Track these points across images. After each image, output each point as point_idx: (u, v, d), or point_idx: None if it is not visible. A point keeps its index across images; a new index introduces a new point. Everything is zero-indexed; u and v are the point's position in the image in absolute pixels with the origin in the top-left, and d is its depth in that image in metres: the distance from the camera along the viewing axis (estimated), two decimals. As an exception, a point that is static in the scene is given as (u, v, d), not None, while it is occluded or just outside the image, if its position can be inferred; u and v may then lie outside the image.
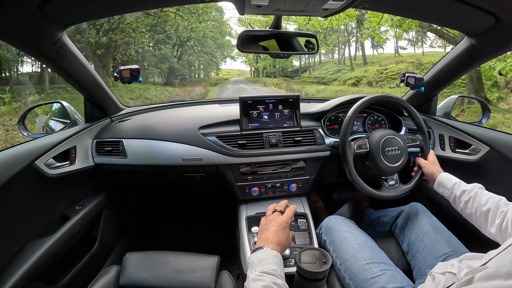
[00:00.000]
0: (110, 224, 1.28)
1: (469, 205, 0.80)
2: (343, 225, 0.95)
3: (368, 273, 0.78)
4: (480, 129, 1.10)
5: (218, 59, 20.39)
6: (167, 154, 1.07)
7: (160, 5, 0.93)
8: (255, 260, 0.66)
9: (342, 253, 0.87)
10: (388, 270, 0.78)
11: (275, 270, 0.62)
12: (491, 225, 0.72)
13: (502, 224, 0.70)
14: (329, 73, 18.67)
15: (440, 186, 0.92)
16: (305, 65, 22.56)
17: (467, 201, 0.81)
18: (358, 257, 0.83)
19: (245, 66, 26.20)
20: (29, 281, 0.81)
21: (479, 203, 0.77)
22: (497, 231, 0.71)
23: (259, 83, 20.17)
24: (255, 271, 0.62)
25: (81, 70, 1.01)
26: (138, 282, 0.81)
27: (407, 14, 1.01)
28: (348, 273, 0.82)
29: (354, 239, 0.89)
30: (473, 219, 0.79)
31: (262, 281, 0.58)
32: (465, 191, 0.83)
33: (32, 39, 0.79)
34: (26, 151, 0.86)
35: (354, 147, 1.02)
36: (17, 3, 0.63)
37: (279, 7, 0.76)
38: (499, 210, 0.72)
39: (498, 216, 0.71)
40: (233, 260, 1.07)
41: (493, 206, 0.73)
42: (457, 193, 0.85)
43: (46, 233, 0.92)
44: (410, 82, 1.20)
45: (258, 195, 1.15)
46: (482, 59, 1.00)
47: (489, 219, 0.73)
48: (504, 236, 0.69)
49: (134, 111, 1.33)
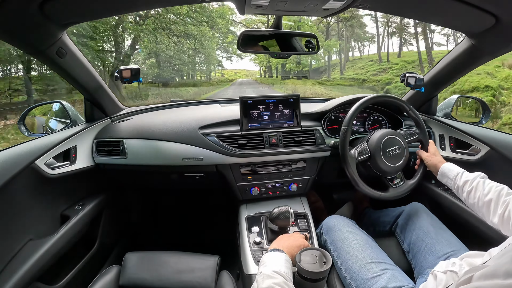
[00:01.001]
0: (110, 224, 1.28)
1: (472, 195, 0.80)
2: (343, 224, 0.95)
3: (369, 273, 0.78)
4: (480, 129, 1.10)
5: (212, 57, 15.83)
6: (168, 154, 1.07)
7: (160, 5, 0.93)
8: (269, 259, 0.67)
9: (343, 252, 0.87)
10: (389, 269, 0.78)
11: (286, 273, 0.63)
12: (494, 215, 0.72)
13: (504, 214, 0.70)
14: (369, 73, 14.09)
15: (443, 177, 0.92)
16: (325, 64, 17.27)
17: (469, 191, 0.81)
18: (359, 257, 0.83)
19: (254, 65, 20.59)
20: (29, 281, 0.81)
21: (482, 193, 0.77)
22: (500, 221, 0.70)
23: (277, 87, 14.35)
24: (268, 269, 0.63)
25: (81, 70, 1.01)
26: (138, 282, 0.81)
27: (407, 14, 1.01)
28: (349, 272, 0.82)
29: (355, 238, 0.89)
30: (476, 209, 0.79)
31: (274, 278, 0.59)
32: (467, 181, 0.82)
33: (32, 39, 0.78)
34: (26, 151, 0.86)
35: (355, 155, 1.01)
36: (17, 3, 0.63)
37: (280, 7, 0.76)
38: (501, 199, 0.72)
39: (501, 206, 0.71)
40: (233, 260, 1.07)
41: (495, 196, 0.73)
42: (459, 183, 0.84)
43: (46, 233, 0.92)
44: (410, 82, 1.20)
45: (258, 195, 1.15)
46: (482, 59, 1.00)
47: (491, 209, 0.73)
48: (507, 226, 0.69)
49: (134, 111, 1.33)
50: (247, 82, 17.75)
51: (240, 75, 20.18)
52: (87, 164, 1.10)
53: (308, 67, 17.33)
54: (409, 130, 1.08)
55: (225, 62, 17.77)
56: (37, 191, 0.91)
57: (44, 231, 0.92)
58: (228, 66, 18.53)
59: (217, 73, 17.83)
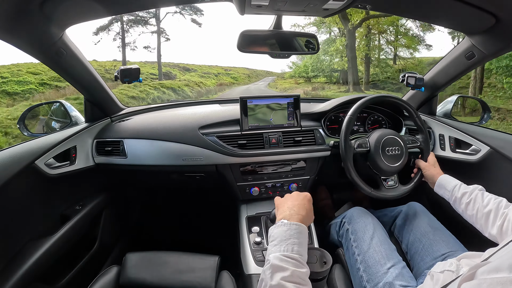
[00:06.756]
0: (110, 224, 1.28)
1: (470, 207, 0.81)
2: (368, 217, 0.96)
3: (381, 268, 0.79)
4: (480, 129, 1.10)
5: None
6: (167, 154, 1.07)
7: (160, 5, 0.93)
8: (278, 235, 0.57)
9: (363, 244, 0.87)
10: (398, 266, 0.79)
11: (299, 253, 0.55)
12: (492, 226, 0.73)
13: (503, 225, 0.70)
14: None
15: (440, 188, 0.93)
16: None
17: (468, 203, 0.81)
18: (377, 250, 0.83)
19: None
20: (29, 281, 0.81)
21: (481, 204, 0.78)
22: (498, 232, 0.71)
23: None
24: (278, 250, 0.54)
25: (81, 70, 1.01)
26: (138, 282, 0.81)
27: (407, 14, 1.01)
28: (363, 264, 0.83)
29: (377, 233, 0.89)
30: (474, 220, 0.80)
31: (284, 270, 0.51)
32: (466, 193, 0.83)
33: (32, 39, 0.78)
34: (26, 151, 0.86)
35: (355, 146, 1.02)
36: (17, 3, 0.63)
37: (280, 7, 0.76)
38: (500, 211, 0.73)
39: (499, 217, 0.72)
40: (233, 260, 1.07)
41: (494, 207, 0.74)
42: (458, 195, 0.85)
43: (46, 233, 0.92)
44: (410, 82, 1.20)
45: (258, 195, 1.15)
46: (482, 59, 1.00)
47: (490, 220, 0.74)
48: (505, 237, 0.69)
49: (134, 111, 1.33)
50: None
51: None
52: (87, 164, 1.10)
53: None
54: (412, 137, 1.09)
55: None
56: (37, 191, 0.91)
57: (44, 231, 0.92)
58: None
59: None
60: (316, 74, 16.46)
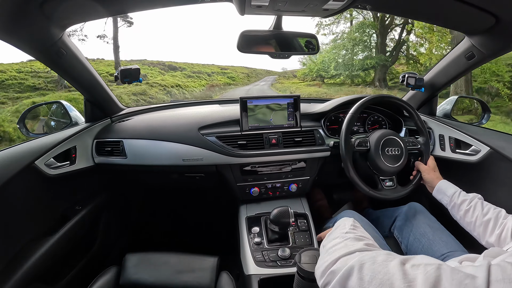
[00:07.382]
0: (110, 224, 1.28)
1: (469, 214, 0.81)
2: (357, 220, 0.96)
3: None
4: (480, 130, 1.10)
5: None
6: (167, 154, 1.07)
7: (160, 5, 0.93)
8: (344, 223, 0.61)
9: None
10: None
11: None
12: (491, 234, 0.74)
13: (501, 234, 0.71)
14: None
15: (439, 193, 0.92)
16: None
17: (467, 210, 0.82)
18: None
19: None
20: (29, 281, 0.81)
21: (480, 212, 0.78)
22: (496, 240, 0.72)
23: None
24: (346, 227, 0.58)
25: (81, 70, 1.01)
26: (138, 282, 0.81)
27: (407, 14, 1.01)
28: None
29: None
30: (472, 228, 0.80)
31: (365, 239, 0.54)
32: (465, 200, 0.83)
33: (32, 39, 0.78)
34: (26, 151, 0.87)
35: (355, 144, 1.02)
36: (17, 3, 0.63)
37: (280, 8, 0.76)
38: (499, 221, 0.74)
39: (498, 226, 0.73)
40: (233, 260, 1.07)
41: (493, 216, 0.75)
42: (457, 201, 0.85)
43: (46, 233, 0.92)
44: (410, 82, 1.20)
45: (258, 196, 1.15)
46: (482, 59, 1.00)
47: (489, 228, 0.75)
48: (503, 245, 0.70)
49: (134, 111, 1.33)
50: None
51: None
52: (87, 164, 1.10)
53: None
54: (413, 138, 1.09)
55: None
56: (37, 191, 0.91)
57: (44, 231, 0.92)
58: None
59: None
60: (339, 72, 13.18)
